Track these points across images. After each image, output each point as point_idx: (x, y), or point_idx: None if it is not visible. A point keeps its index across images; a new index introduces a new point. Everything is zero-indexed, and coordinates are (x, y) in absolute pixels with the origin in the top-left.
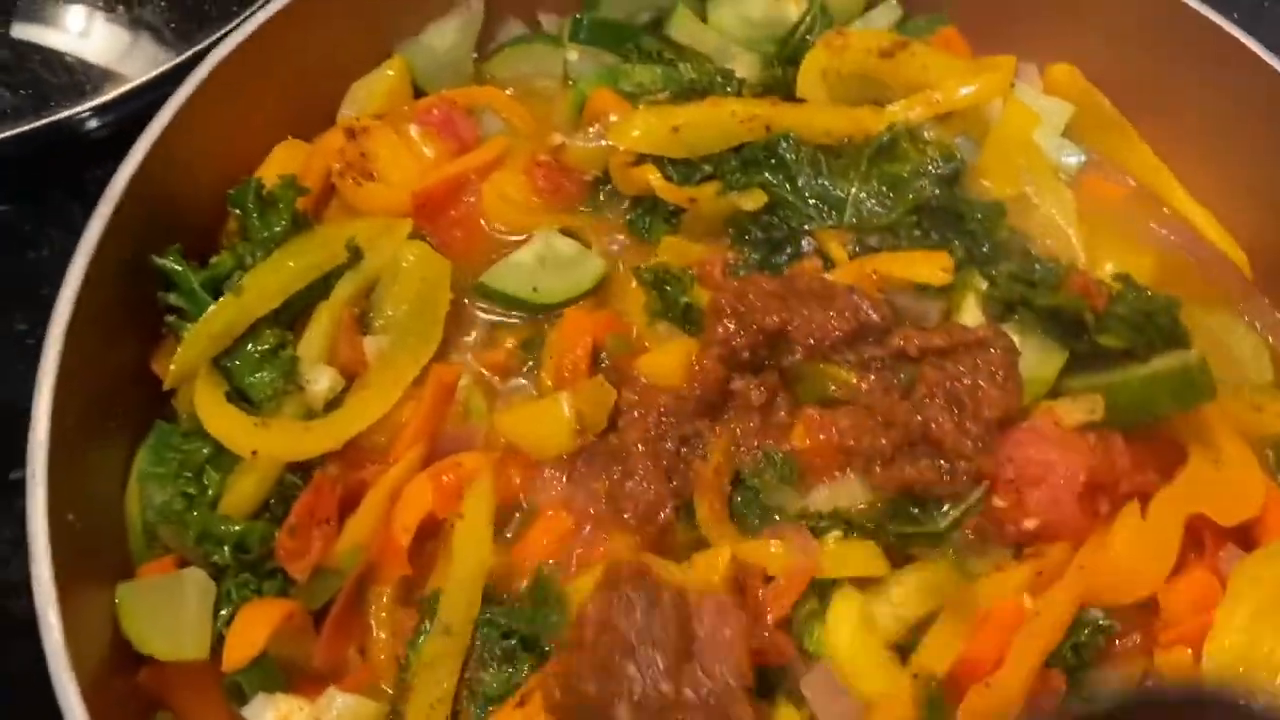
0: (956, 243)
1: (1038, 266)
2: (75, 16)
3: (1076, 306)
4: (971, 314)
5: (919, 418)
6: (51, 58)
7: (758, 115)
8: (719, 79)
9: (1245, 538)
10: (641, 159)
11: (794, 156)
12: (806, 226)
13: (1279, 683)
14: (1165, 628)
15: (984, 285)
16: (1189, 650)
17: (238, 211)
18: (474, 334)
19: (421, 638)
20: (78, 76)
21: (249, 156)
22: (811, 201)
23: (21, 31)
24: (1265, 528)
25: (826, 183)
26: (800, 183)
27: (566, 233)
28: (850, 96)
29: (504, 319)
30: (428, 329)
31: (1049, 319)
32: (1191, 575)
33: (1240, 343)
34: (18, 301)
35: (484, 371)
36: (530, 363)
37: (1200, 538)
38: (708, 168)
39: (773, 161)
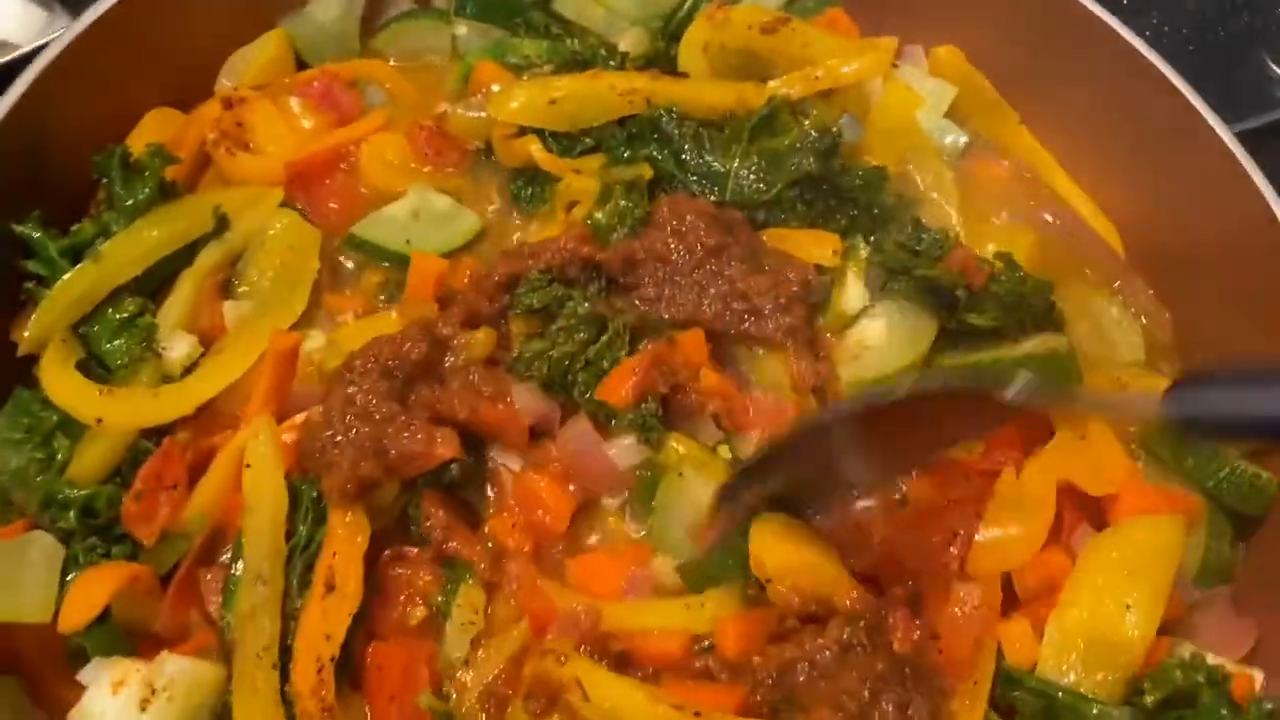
0: (839, 215)
1: (924, 236)
2: None
3: (953, 282)
4: (853, 289)
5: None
6: None
7: (637, 89)
8: (602, 52)
9: (1101, 521)
10: (523, 131)
11: (678, 131)
12: None
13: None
14: (1020, 605)
15: (863, 254)
16: (1028, 623)
17: (105, 180)
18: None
19: (233, 592)
20: None
21: (122, 124)
22: (694, 177)
23: None
24: (1119, 509)
25: (709, 158)
26: (685, 158)
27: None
28: (733, 72)
29: (371, 264)
30: (291, 296)
31: (925, 291)
32: (1046, 554)
33: (1112, 321)
34: None
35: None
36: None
37: (1059, 522)
38: (589, 141)
39: (656, 136)
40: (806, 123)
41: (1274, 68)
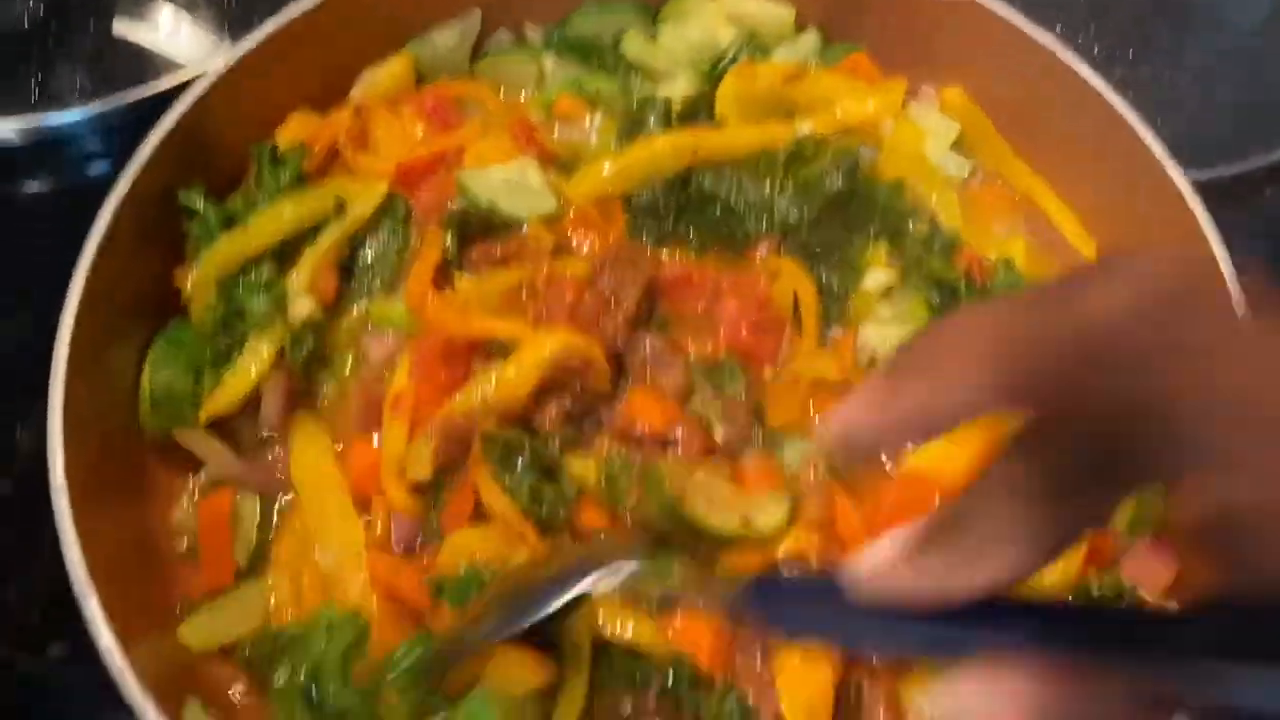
0: (869, 223)
1: (938, 236)
2: (166, 16)
3: (958, 278)
4: (877, 272)
5: None
6: (142, 53)
7: (684, 144)
8: (652, 104)
9: None
10: None
11: (724, 187)
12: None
13: None
14: None
15: (884, 251)
16: None
17: (256, 165)
18: None
19: None
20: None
21: (271, 120)
22: (749, 214)
23: (121, 28)
24: None
25: (752, 196)
26: (734, 203)
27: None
28: (764, 114)
29: None
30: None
31: (933, 285)
32: None
33: None
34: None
35: None
36: None
37: None
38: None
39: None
40: (829, 151)
41: None
